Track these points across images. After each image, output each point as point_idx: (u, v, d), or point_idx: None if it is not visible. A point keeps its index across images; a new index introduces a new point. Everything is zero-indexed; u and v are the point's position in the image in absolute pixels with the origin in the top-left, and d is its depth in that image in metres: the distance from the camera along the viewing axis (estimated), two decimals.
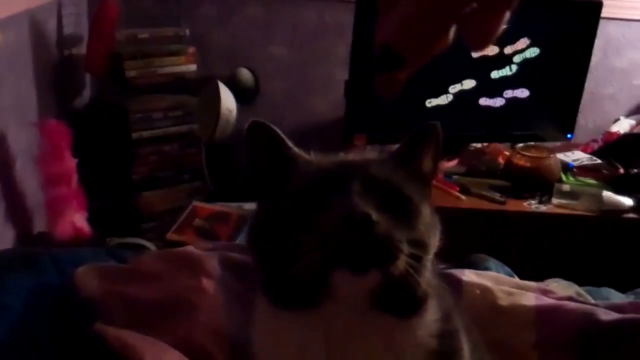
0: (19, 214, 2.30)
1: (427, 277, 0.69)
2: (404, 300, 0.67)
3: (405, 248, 0.63)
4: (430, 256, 0.70)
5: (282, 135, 0.74)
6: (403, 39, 0.43)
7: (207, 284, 1.18)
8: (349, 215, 0.61)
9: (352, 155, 0.77)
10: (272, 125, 0.74)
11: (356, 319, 0.68)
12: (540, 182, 2.58)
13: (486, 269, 1.43)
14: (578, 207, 2.48)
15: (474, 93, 2.68)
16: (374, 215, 0.61)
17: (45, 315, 1.14)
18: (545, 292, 1.27)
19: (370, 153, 0.78)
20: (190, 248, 1.32)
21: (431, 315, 0.71)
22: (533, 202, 2.52)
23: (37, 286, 1.19)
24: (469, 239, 2.08)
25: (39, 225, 2.42)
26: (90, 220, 2.44)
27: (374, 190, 0.66)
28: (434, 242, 0.71)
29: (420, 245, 0.66)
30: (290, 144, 0.75)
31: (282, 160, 0.73)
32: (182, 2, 2.94)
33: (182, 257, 1.26)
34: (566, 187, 2.55)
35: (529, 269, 1.54)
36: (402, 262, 0.62)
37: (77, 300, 1.16)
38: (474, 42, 0.44)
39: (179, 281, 1.19)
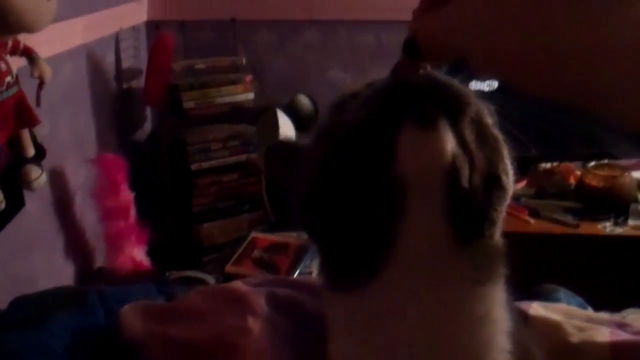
0: (78, 250, 2.31)
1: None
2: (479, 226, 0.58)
3: (475, 101, 0.55)
4: (509, 194, 0.59)
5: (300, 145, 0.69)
6: (425, 42, 0.52)
7: (253, 323, 1.11)
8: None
9: None
10: (288, 141, 0.68)
11: (434, 277, 0.58)
12: (615, 203, 2.43)
13: (556, 300, 1.32)
14: None
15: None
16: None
17: (87, 358, 1.10)
18: (622, 326, 1.16)
19: None
20: (237, 284, 1.26)
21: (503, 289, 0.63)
22: (608, 224, 2.38)
23: (81, 327, 1.15)
24: (538, 266, 1.99)
25: (99, 260, 2.42)
26: (151, 253, 2.44)
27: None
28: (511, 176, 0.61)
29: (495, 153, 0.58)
30: None
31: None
32: (238, 31, 2.93)
33: (228, 294, 1.20)
34: None
35: (604, 297, 1.42)
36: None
37: (120, 342, 1.12)
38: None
39: (224, 321, 1.13)
